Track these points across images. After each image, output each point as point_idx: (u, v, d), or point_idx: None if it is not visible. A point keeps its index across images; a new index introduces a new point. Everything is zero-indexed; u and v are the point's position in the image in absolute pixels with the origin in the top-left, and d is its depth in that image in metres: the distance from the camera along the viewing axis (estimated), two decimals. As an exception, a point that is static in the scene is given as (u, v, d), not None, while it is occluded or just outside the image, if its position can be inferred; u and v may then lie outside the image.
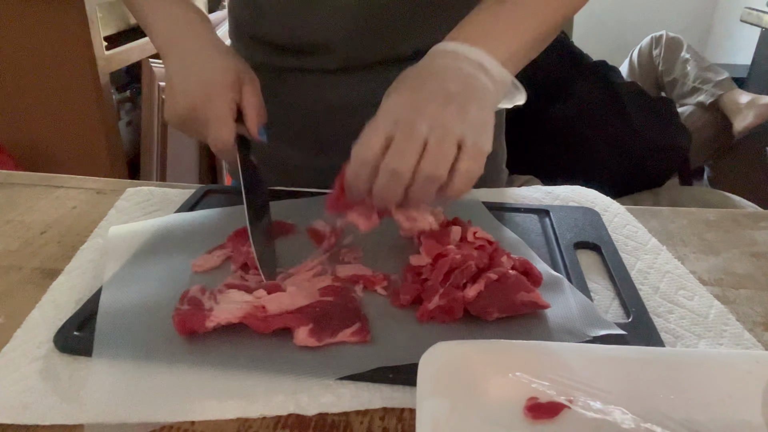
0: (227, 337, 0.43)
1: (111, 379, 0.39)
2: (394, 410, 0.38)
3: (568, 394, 0.36)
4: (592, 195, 0.68)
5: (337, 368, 0.40)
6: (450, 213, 0.54)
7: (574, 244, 0.56)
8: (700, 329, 0.46)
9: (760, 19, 2.19)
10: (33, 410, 0.38)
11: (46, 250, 0.57)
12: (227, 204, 0.63)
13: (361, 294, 0.48)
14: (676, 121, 1.65)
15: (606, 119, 1.51)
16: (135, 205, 0.65)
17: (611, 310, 0.48)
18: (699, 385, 0.36)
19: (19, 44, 1.45)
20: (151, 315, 0.45)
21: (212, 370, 0.40)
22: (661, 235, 0.60)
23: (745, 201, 1.43)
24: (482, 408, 0.36)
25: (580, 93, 1.52)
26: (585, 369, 0.37)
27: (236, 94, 0.55)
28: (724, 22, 3.02)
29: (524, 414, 0.36)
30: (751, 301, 0.51)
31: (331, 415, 0.38)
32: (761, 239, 0.61)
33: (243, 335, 0.43)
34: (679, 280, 0.52)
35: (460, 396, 0.35)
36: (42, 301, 0.48)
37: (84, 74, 1.47)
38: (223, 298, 0.45)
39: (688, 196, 1.50)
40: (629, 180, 1.56)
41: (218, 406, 0.38)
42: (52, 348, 0.43)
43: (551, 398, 0.36)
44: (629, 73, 2.09)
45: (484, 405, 0.36)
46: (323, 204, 0.51)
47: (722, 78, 1.91)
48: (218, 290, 0.46)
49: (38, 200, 0.67)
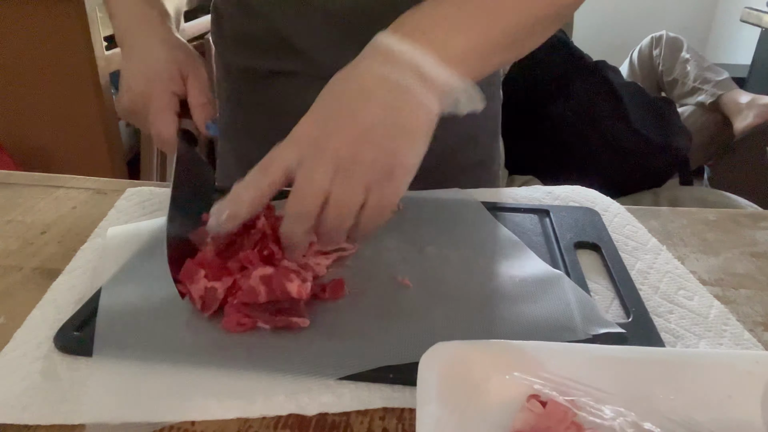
0: (227, 337, 0.43)
1: (111, 379, 0.39)
2: (394, 410, 0.38)
3: (569, 395, 0.36)
4: (592, 195, 0.68)
5: (338, 368, 0.40)
6: (450, 214, 0.54)
7: (574, 244, 0.56)
8: (700, 329, 0.46)
9: (760, 19, 2.19)
10: (33, 410, 0.37)
11: (46, 250, 0.57)
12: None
13: None
14: (676, 121, 1.65)
15: (606, 119, 1.51)
16: (135, 205, 0.65)
17: (611, 310, 0.48)
18: (699, 385, 0.36)
19: (19, 44, 1.45)
20: (151, 315, 0.45)
21: (212, 370, 0.40)
22: (661, 235, 0.60)
23: (745, 201, 1.43)
24: (483, 408, 0.36)
25: (579, 93, 1.52)
26: (585, 369, 0.37)
27: (178, 87, 0.54)
28: (724, 22, 3.02)
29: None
30: (751, 301, 0.51)
31: (331, 415, 0.38)
32: (761, 239, 0.61)
33: (243, 335, 0.43)
34: (679, 280, 0.52)
35: (460, 396, 0.35)
36: (42, 301, 0.48)
37: (84, 74, 1.47)
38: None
39: (688, 196, 1.50)
40: (629, 180, 1.56)
41: (218, 406, 0.38)
42: (52, 348, 0.43)
43: (552, 398, 0.36)
44: (629, 73, 2.09)
45: (485, 405, 0.36)
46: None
47: (722, 78, 1.91)
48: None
49: (38, 200, 0.67)
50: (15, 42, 1.45)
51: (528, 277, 0.50)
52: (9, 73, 1.48)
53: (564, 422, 0.34)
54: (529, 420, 0.35)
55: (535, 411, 0.35)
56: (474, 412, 0.35)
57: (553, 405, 0.35)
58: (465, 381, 0.36)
